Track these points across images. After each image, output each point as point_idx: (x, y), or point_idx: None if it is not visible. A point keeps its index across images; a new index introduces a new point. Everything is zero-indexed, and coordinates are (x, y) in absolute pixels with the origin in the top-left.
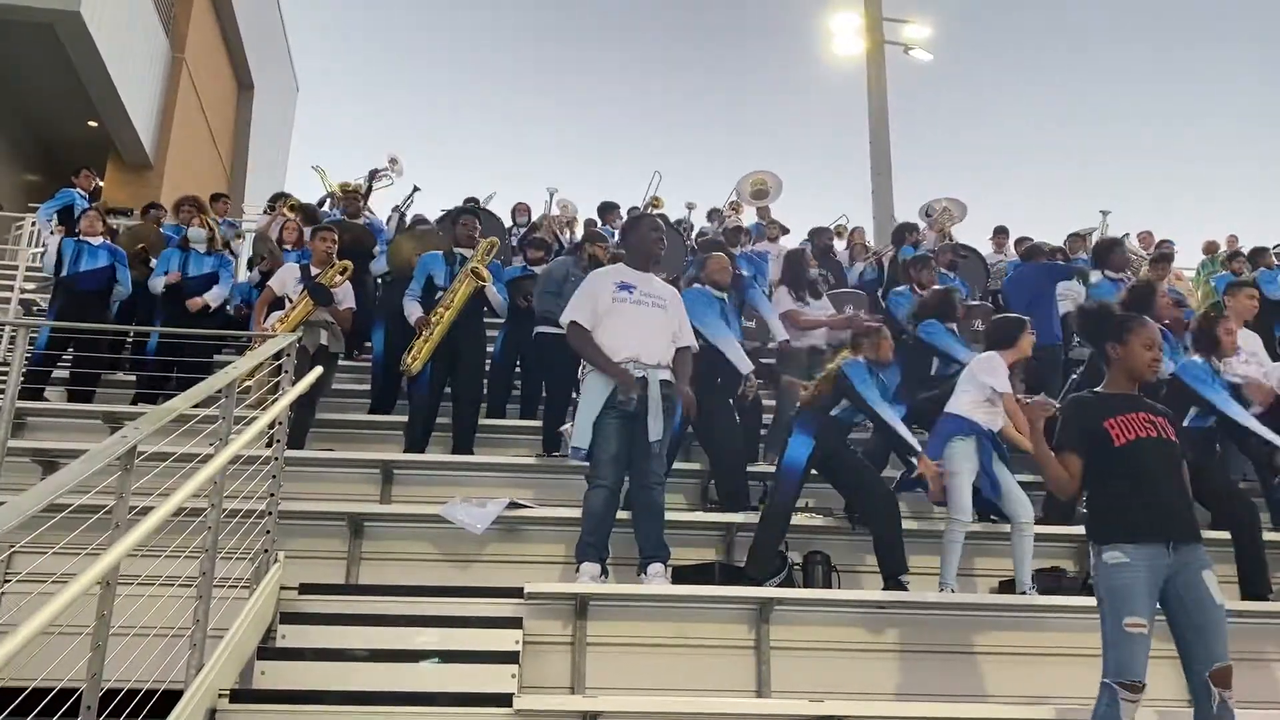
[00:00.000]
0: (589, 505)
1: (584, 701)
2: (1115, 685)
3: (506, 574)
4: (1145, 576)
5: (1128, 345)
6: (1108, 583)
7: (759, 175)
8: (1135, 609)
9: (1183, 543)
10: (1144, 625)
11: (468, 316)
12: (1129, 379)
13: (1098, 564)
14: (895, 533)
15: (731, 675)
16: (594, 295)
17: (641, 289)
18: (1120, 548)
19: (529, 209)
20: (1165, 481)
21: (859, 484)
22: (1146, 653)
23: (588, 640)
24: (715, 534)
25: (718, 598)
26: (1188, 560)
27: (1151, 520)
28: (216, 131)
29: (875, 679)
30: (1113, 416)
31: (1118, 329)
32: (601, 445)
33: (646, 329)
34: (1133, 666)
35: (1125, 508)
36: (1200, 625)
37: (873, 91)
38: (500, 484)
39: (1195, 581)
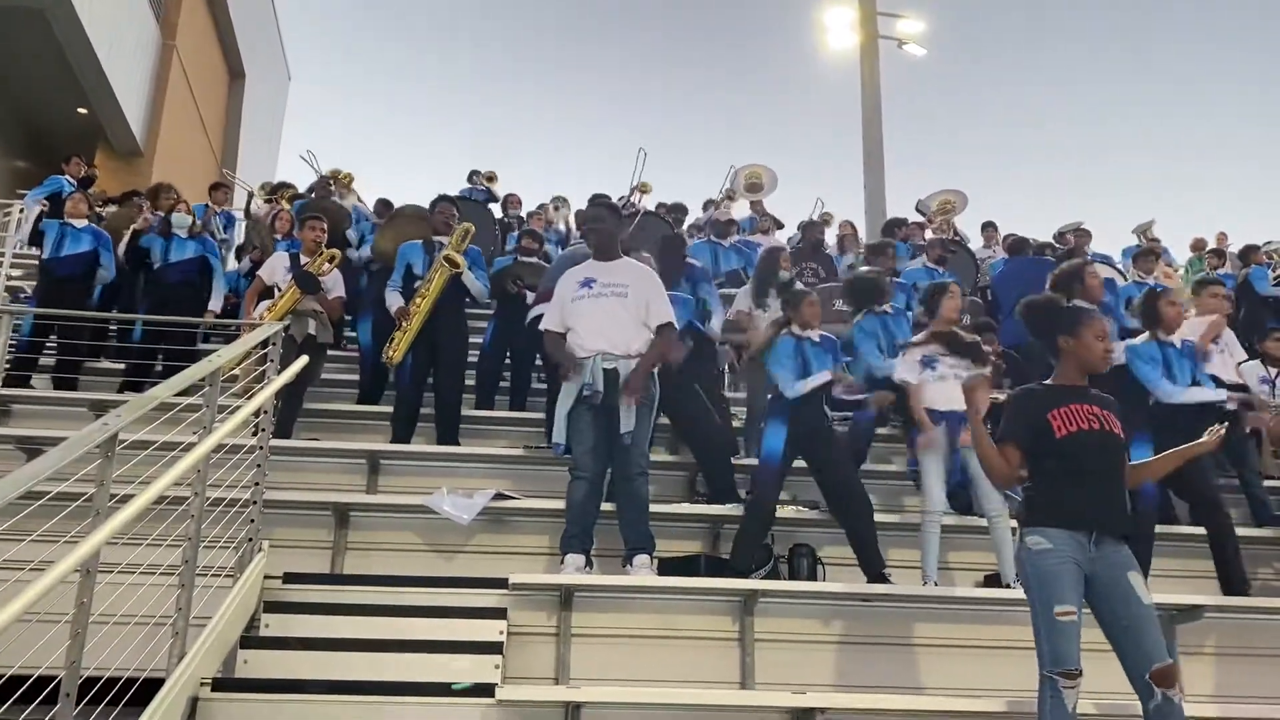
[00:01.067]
0: (570, 497)
1: (567, 692)
2: (1054, 676)
3: (492, 565)
4: (1069, 563)
5: (1080, 338)
6: (1033, 569)
7: (754, 169)
8: (1064, 597)
9: (1105, 538)
10: (1073, 613)
11: (447, 305)
12: (1080, 371)
13: (1020, 549)
14: (869, 530)
15: (715, 667)
16: (560, 298)
17: (602, 280)
18: (1043, 532)
19: (520, 201)
20: (1101, 474)
21: (835, 478)
22: (1078, 639)
23: (572, 631)
24: (701, 526)
25: (702, 589)
26: (1111, 559)
27: (1077, 509)
28: (207, 120)
29: (859, 672)
30: (1057, 408)
31: (1069, 321)
32: (577, 438)
33: (607, 321)
34: (1067, 655)
35: (1056, 495)
36: (1128, 625)
37: (866, 86)
38: (487, 475)
39: (1119, 579)
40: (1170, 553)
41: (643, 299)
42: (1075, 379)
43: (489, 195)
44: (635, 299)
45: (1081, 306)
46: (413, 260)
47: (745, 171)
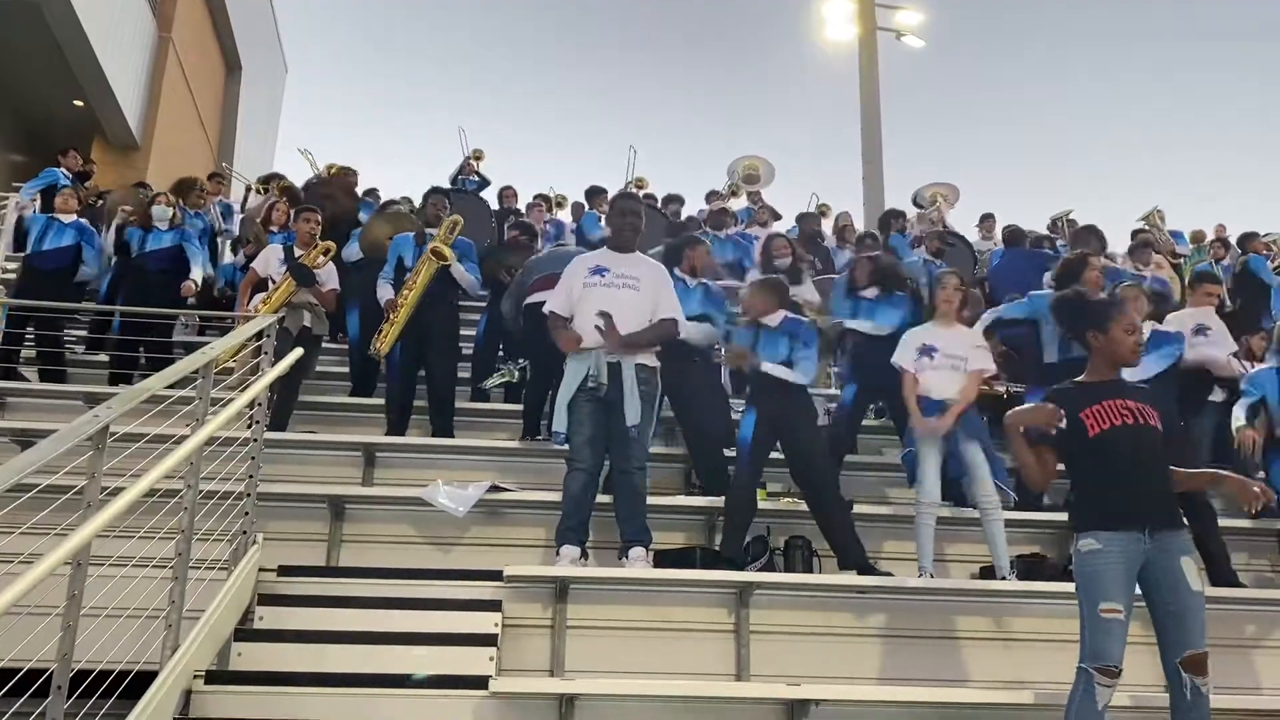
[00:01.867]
0: (567, 488)
1: (560, 684)
2: (1091, 670)
3: (487, 557)
4: (1120, 563)
5: (1109, 333)
6: (1083, 569)
7: (751, 160)
8: (1110, 595)
9: (1160, 529)
10: (1119, 611)
11: (436, 297)
12: (1111, 365)
13: (1075, 550)
14: (843, 520)
15: (711, 659)
16: (569, 282)
17: (615, 271)
18: (1095, 535)
19: (516, 194)
20: (1141, 468)
21: (806, 468)
22: (1123, 639)
23: (568, 623)
24: (698, 518)
25: (697, 581)
26: (1166, 546)
27: (1126, 507)
28: (204, 112)
29: (854, 663)
30: (1090, 406)
31: (1099, 316)
32: (576, 429)
33: (616, 311)
34: (1109, 652)
35: (1100, 495)
36: (1176, 612)
37: (864, 78)
38: (483, 467)
39: (1173, 568)
40: None
41: (653, 293)
42: (1106, 374)
43: (481, 182)
44: (646, 292)
45: (1110, 301)
46: (404, 252)
47: (743, 163)
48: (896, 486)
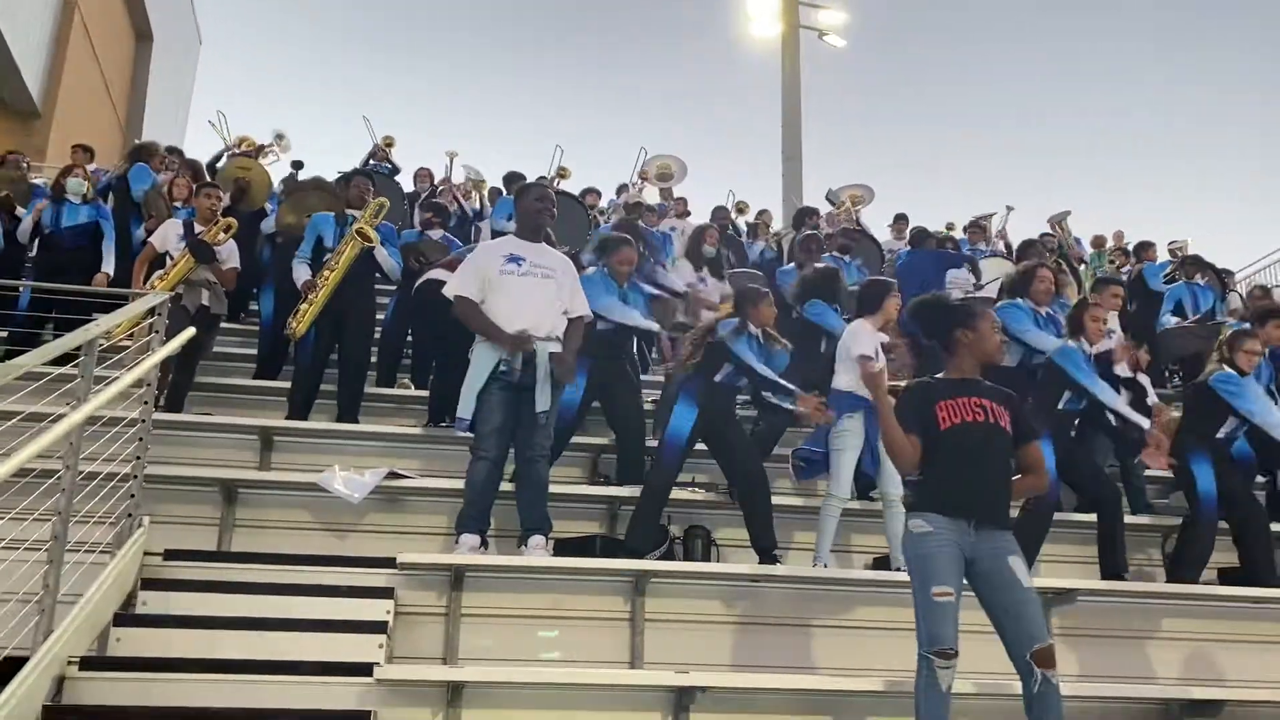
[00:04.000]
0: (471, 477)
1: (448, 671)
2: (930, 655)
3: (386, 544)
4: (950, 546)
5: (978, 330)
6: (914, 551)
7: (664, 160)
8: (941, 578)
9: (986, 525)
10: (950, 594)
11: (356, 280)
12: (975, 364)
13: (906, 534)
14: (765, 509)
15: (606, 647)
16: (481, 268)
17: (531, 260)
18: (925, 516)
19: (431, 174)
20: (982, 464)
21: (735, 459)
22: (955, 621)
23: (462, 611)
24: (600, 508)
25: (594, 570)
26: (993, 545)
27: (958, 496)
28: (111, 82)
29: (748, 652)
30: (944, 400)
31: (968, 316)
32: (485, 417)
33: (535, 301)
34: (943, 635)
35: (938, 483)
36: (1010, 607)
37: (787, 75)
38: (385, 454)
39: (1002, 567)
40: (1052, 538)
41: (567, 287)
42: (969, 372)
43: (393, 169)
44: (561, 285)
45: (974, 302)
46: (323, 232)
47: (657, 163)
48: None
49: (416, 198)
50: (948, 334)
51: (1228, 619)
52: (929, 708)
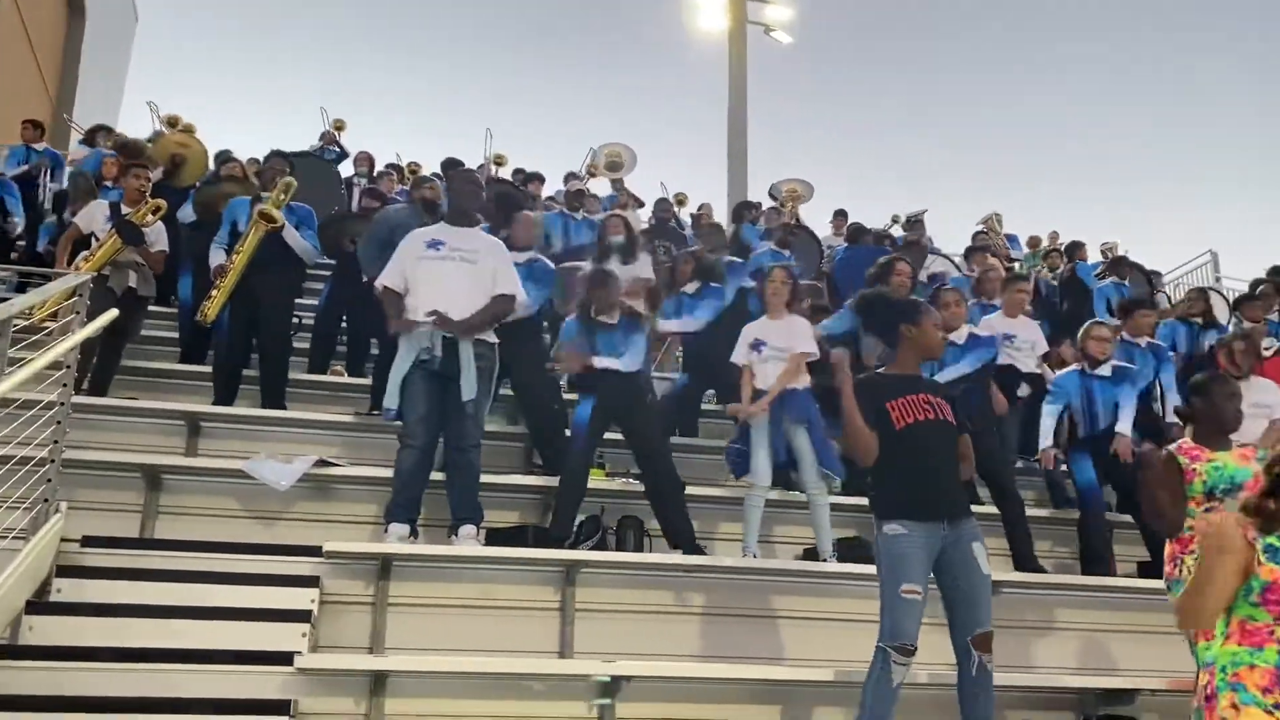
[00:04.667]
0: (398, 466)
1: (373, 660)
2: (889, 649)
3: (313, 532)
4: (922, 548)
5: (922, 326)
6: (889, 551)
7: (614, 148)
8: (912, 577)
9: (956, 518)
10: (918, 592)
11: (268, 263)
12: (918, 359)
13: (879, 535)
14: (676, 502)
15: (535, 637)
16: (402, 257)
17: (451, 244)
18: (900, 522)
19: (370, 159)
20: (940, 462)
21: (641, 451)
22: (919, 619)
23: (389, 601)
24: (533, 497)
25: (524, 560)
26: (961, 533)
27: (928, 499)
28: (42, 58)
29: (677, 641)
30: (894, 399)
31: (911, 311)
32: (410, 405)
33: (452, 285)
34: (906, 631)
35: (905, 486)
36: (967, 593)
37: (733, 70)
38: (316, 441)
39: (965, 551)
40: None
41: (490, 268)
42: (912, 367)
43: (341, 154)
44: (484, 267)
45: (919, 299)
46: (238, 217)
47: (606, 150)
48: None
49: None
50: (892, 329)
51: (1140, 610)
52: (876, 700)
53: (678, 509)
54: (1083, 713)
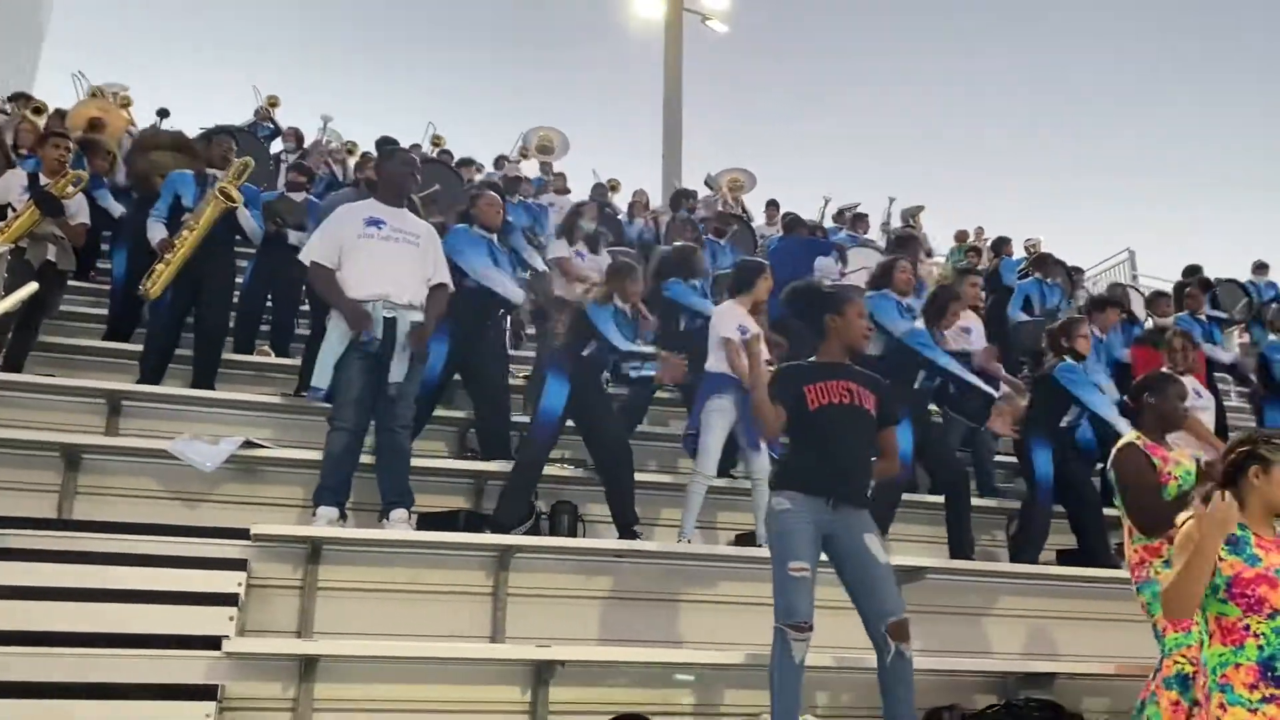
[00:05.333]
0: (328, 448)
1: (301, 645)
2: (785, 628)
3: (240, 515)
4: (808, 524)
5: (845, 316)
6: (775, 528)
7: (546, 132)
8: (799, 554)
9: (844, 504)
10: (806, 569)
11: (216, 242)
12: (843, 349)
13: (768, 510)
14: (622, 485)
15: (467, 621)
16: (338, 232)
17: (392, 224)
18: (787, 495)
19: (299, 134)
20: (845, 446)
21: (601, 433)
22: (811, 596)
23: (318, 585)
24: (466, 482)
25: (457, 544)
26: (850, 522)
27: (820, 476)
28: None
29: (611, 626)
30: (813, 383)
31: (836, 302)
32: (343, 387)
33: (396, 266)
34: (798, 608)
35: (802, 463)
36: (866, 582)
37: (669, 57)
38: (242, 422)
39: (858, 544)
40: (904, 518)
41: (431, 253)
42: (837, 356)
43: (274, 131)
44: (425, 251)
45: (845, 288)
46: (182, 191)
47: (538, 133)
48: (680, 456)
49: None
50: (818, 319)
51: (1064, 597)
52: (783, 678)
53: (631, 496)
54: (1004, 695)
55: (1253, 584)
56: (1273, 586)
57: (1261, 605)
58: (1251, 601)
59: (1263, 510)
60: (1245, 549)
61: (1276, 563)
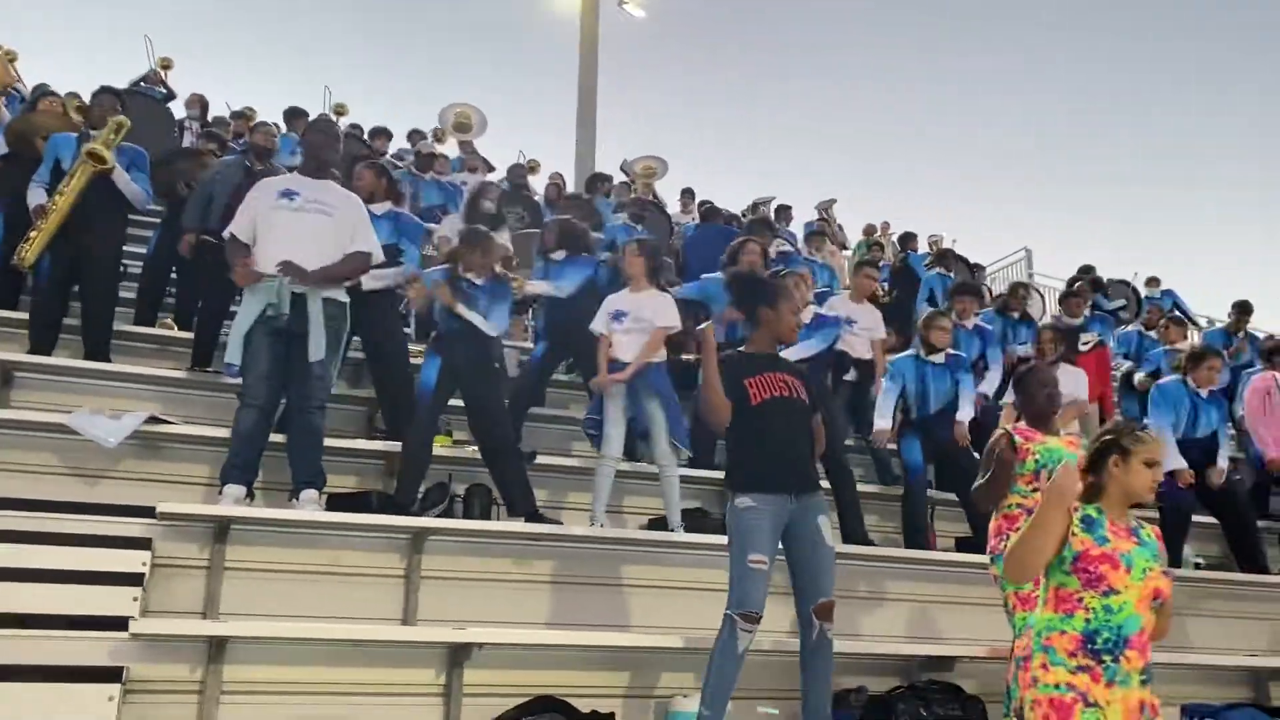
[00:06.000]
0: (237, 425)
1: (210, 626)
2: (736, 616)
3: (143, 493)
4: (770, 520)
5: (778, 309)
6: (738, 524)
7: (463, 109)
8: (759, 548)
9: (803, 493)
10: (765, 562)
11: (97, 208)
12: (773, 340)
13: (731, 507)
14: (515, 471)
15: (379, 604)
16: (252, 206)
17: (307, 195)
18: (751, 495)
19: (204, 101)
20: (792, 438)
21: (479, 420)
22: (765, 588)
23: (225, 564)
24: (377, 462)
25: (370, 526)
26: (807, 506)
27: (778, 474)
28: None
29: (525, 609)
30: (752, 376)
31: (771, 294)
32: (253, 362)
33: (305, 237)
34: (752, 599)
35: (757, 460)
36: (812, 564)
37: (585, 42)
38: (142, 396)
39: (811, 525)
40: None
41: (349, 224)
42: (768, 347)
43: (168, 94)
44: (341, 221)
45: (782, 283)
46: (62, 154)
47: (455, 110)
48: (581, 440)
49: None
50: (753, 309)
51: (964, 583)
52: (722, 664)
53: (517, 476)
54: (908, 678)
55: (1096, 561)
56: (1114, 566)
57: (1099, 582)
58: (1091, 577)
59: (1120, 498)
60: (1098, 530)
61: (1124, 548)
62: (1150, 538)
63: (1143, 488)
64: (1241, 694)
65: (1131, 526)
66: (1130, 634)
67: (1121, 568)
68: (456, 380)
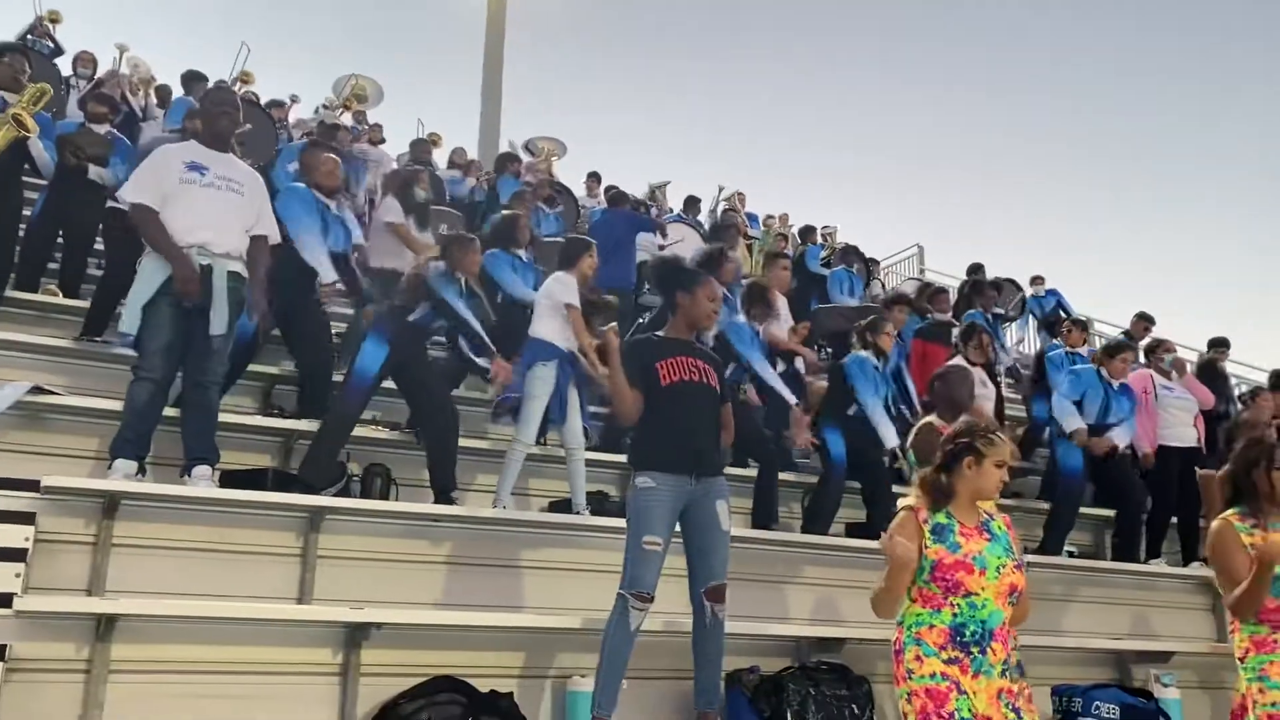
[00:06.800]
0: (131, 398)
1: (99, 603)
2: (628, 595)
3: (26, 465)
4: (668, 501)
5: (694, 296)
6: (635, 504)
7: (359, 81)
8: (654, 529)
9: (704, 475)
10: (659, 544)
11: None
12: (689, 326)
13: (631, 485)
14: (449, 450)
15: (275, 583)
16: (159, 174)
17: (215, 171)
18: (651, 475)
19: (94, 60)
20: (699, 421)
21: (424, 398)
22: (658, 569)
23: (114, 540)
24: (274, 440)
25: (265, 504)
26: (707, 489)
27: (681, 454)
28: None
29: (424, 589)
30: (664, 359)
31: (688, 281)
32: (152, 334)
33: (218, 214)
34: (645, 579)
35: (661, 440)
36: (704, 547)
37: (491, 15)
38: (28, 366)
39: (710, 509)
40: None
41: (256, 204)
42: (684, 333)
43: (55, 49)
44: (249, 201)
45: (701, 271)
46: None
47: (350, 82)
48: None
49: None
50: (671, 294)
51: (854, 567)
52: (615, 643)
53: (453, 462)
54: (799, 658)
55: (951, 569)
56: (969, 572)
57: (958, 588)
58: (950, 585)
59: (970, 497)
60: (949, 537)
61: (974, 549)
62: (1001, 529)
63: (992, 488)
64: (1107, 674)
65: (981, 521)
66: (994, 627)
67: (976, 571)
68: (399, 370)
